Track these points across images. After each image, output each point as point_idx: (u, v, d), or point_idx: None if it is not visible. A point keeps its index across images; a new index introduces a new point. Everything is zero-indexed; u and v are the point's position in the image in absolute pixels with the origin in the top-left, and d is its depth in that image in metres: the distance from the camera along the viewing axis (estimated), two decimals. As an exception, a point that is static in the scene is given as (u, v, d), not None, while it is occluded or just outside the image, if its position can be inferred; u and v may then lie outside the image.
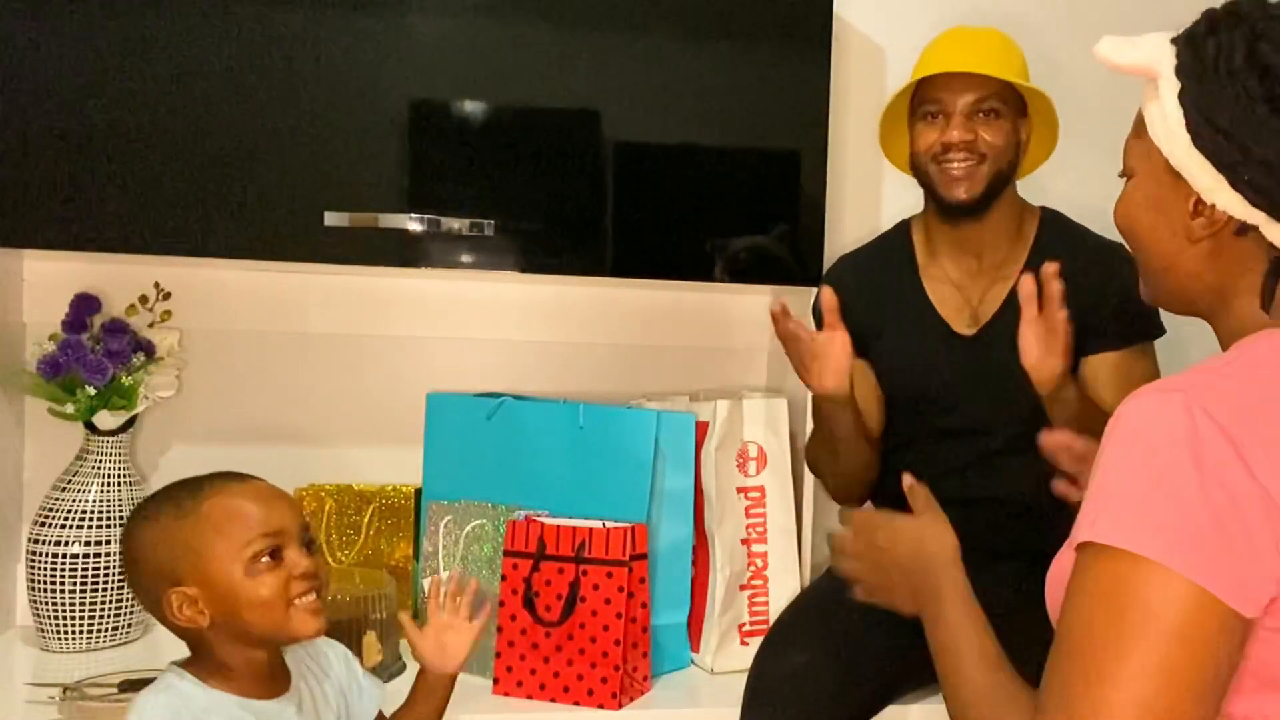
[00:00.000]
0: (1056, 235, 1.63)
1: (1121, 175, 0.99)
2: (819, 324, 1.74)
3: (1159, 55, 0.90)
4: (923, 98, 1.59)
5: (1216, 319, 0.95)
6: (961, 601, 1.03)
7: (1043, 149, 1.66)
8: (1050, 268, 1.38)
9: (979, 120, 1.56)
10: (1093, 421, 1.53)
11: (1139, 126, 0.94)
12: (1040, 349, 1.41)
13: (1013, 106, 1.58)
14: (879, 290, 1.69)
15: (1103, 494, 0.82)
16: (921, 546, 1.09)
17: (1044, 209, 1.67)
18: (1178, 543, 0.77)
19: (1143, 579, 0.77)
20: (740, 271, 1.73)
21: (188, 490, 1.10)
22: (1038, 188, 1.73)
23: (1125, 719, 0.76)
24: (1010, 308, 1.60)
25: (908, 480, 1.18)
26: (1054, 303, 1.39)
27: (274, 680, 1.14)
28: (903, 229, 1.73)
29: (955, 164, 1.56)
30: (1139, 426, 0.82)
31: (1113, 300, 1.56)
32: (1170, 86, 0.89)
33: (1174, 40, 0.91)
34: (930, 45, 1.63)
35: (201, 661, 1.11)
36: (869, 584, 1.15)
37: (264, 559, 1.08)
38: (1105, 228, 1.64)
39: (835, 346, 1.54)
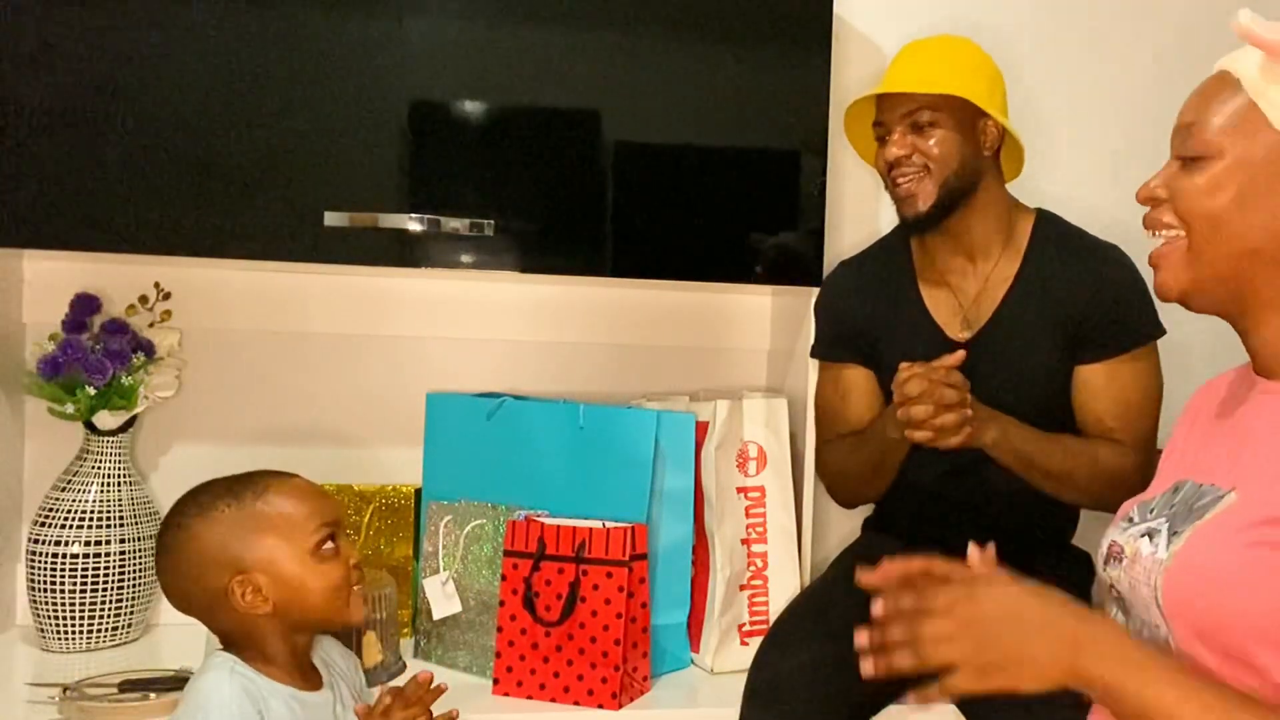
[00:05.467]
0: (1050, 237, 1.63)
1: (1189, 159, 0.98)
2: (820, 324, 1.75)
3: None
4: (875, 121, 1.63)
5: (1264, 317, 0.97)
6: (1146, 652, 0.89)
7: (1014, 145, 1.63)
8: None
9: (917, 133, 1.57)
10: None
11: (1238, 115, 0.95)
12: None
13: (960, 112, 1.56)
14: (877, 296, 1.69)
15: None
16: (1046, 601, 0.93)
17: (1039, 210, 1.67)
18: None
19: None
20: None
21: (240, 484, 1.15)
22: (1032, 189, 1.73)
23: None
24: (1004, 312, 1.60)
25: (974, 554, 1.03)
26: None
27: (309, 674, 1.17)
28: (901, 234, 1.72)
29: (900, 181, 1.59)
30: None
31: (1108, 304, 1.56)
32: None
33: None
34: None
35: (245, 652, 1.13)
36: (971, 664, 0.94)
37: (324, 546, 1.13)
38: (1102, 228, 1.65)
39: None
